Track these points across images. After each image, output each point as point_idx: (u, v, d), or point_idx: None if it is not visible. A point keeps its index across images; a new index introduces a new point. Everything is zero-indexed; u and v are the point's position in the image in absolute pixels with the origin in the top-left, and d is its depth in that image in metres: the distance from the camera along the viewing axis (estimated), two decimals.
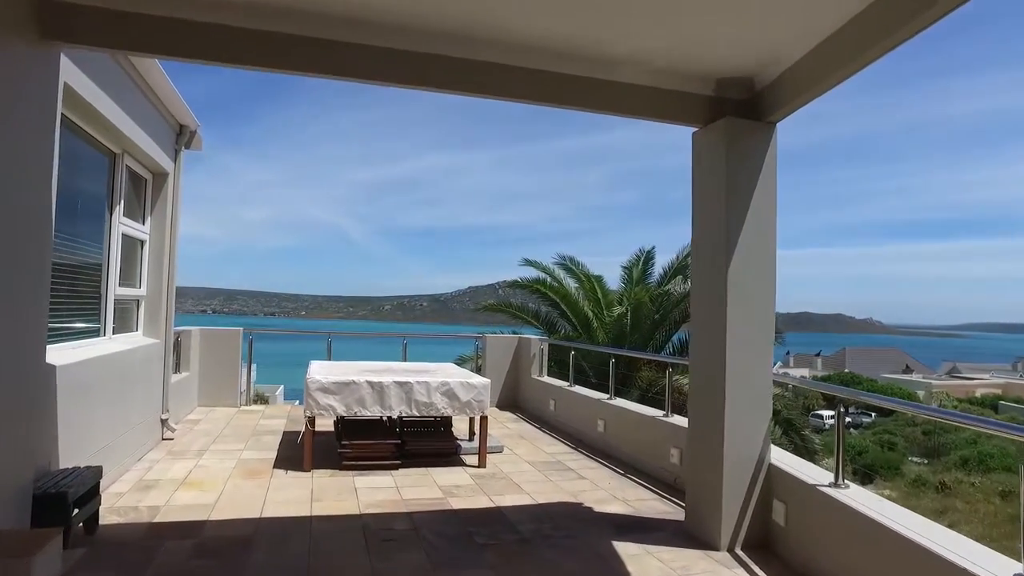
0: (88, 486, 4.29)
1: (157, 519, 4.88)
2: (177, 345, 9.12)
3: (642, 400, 11.94)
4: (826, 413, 29.31)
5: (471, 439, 7.62)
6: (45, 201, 4.07)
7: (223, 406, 9.79)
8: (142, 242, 7.19)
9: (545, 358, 10.49)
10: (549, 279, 14.77)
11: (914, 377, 63.92)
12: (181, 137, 7.64)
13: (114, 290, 6.18)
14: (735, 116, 4.80)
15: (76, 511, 4.15)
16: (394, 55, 4.40)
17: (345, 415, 6.40)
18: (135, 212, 7.04)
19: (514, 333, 16.43)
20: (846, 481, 4.06)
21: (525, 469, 6.82)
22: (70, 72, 4.40)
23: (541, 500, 5.77)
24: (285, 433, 8.12)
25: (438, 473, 6.51)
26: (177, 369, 9.07)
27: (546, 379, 10.25)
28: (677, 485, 6.13)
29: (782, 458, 4.83)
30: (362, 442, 6.49)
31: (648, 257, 15.76)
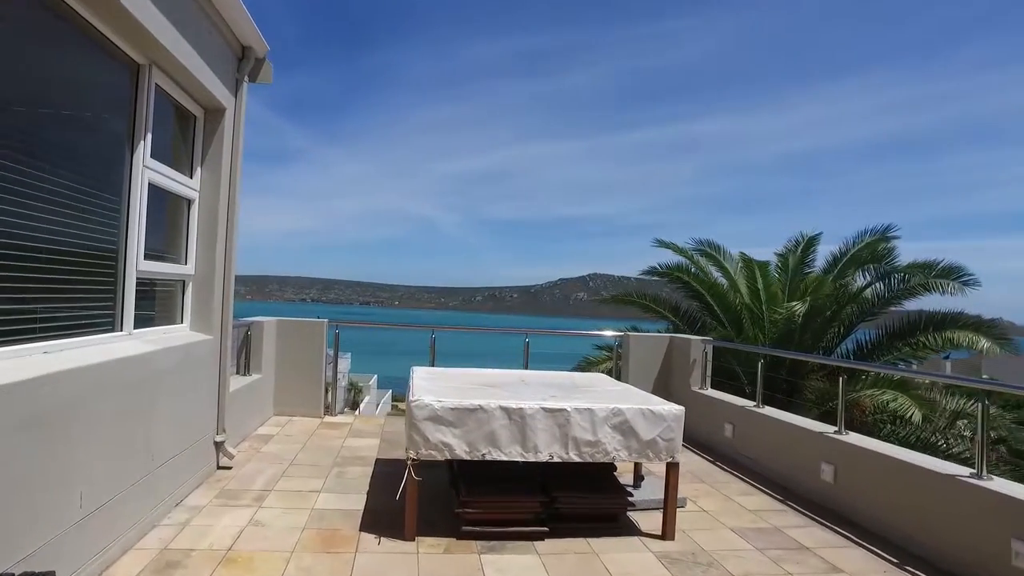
0: None
1: None
2: (247, 340, 7.25)
3: (825, 418, 9.31)
4: None
5: (636, 485, 5.32)
6: None
7: (303, 416, 7.87)
8: (189, 202, 5.23)
9: (710, 364, 8.02)
10: (693, 267, 12.21)
11: None
12: (244, 63, 5.64)
13: (136, 265, 4.20)
14: None
15: None
16: None
17: (468, 457, 4.20)
18: (180, 160, 5.08)
19: (633, 329, 14.07)
20: None
21: (735, 544, 4.43)
22: None
23: None
24: (378, 463, 6.04)
25: (605, 548, 4.22)
26: (246, 370, 7.20)
27: (712, 393, 7.79)
28: None
29: None
30: (493, 499, 4.29)
31: (809, 243, 12.95)
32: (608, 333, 9.53)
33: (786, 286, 12.07)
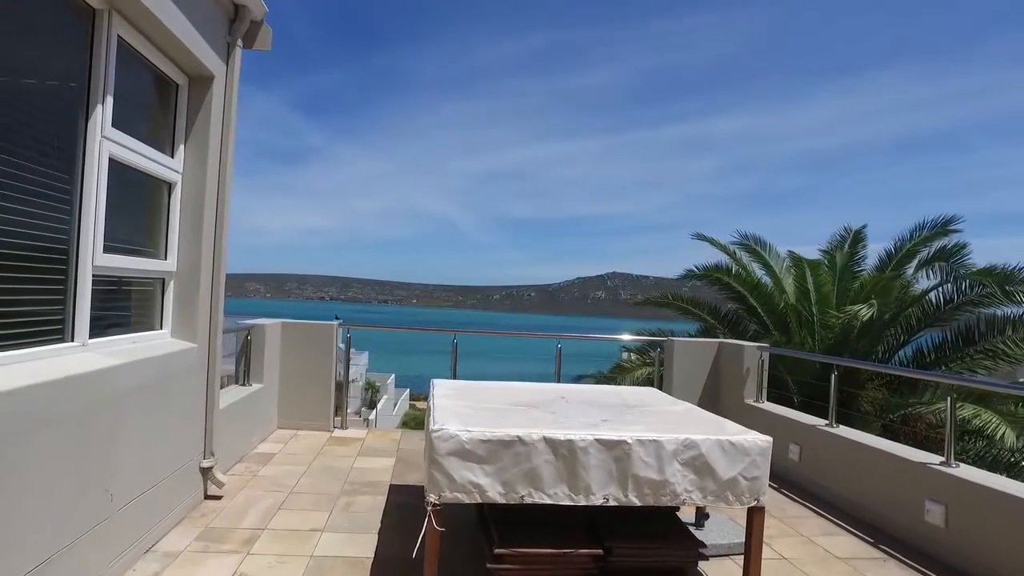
0: None
1: None
2: (247, 345, 6.46)
3: (886, 433, 8.36)
4: None
5: (699, 524, 4.46)
6: None
7: (310, 430, 7.06)
8: (170, 185, 4.43)
9: (766, 374, 7.11)
10: (735, 266, 11.27)
11: None
12: (237, 25, 4.82)
13: (92, 259, 3.39)
14: None
15: None
16: None
17: (503, 500, 3.35)
18: (159, 136, 4.29)
19: (659, 331, 13.20)
20: None
21: None
22: None
23: None
24: (392, 491, 5.21)
25: None
26: (245, 380, 6.40)
27: (770, 407, 6.89)
28: None
29: None
30: (534, 552, 3.44)
31: (857, 238, 11.94)
32: (627, 337, 8.65)
33: (834, 286, 11.09)
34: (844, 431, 5.62)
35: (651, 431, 3.51)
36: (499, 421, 3.56)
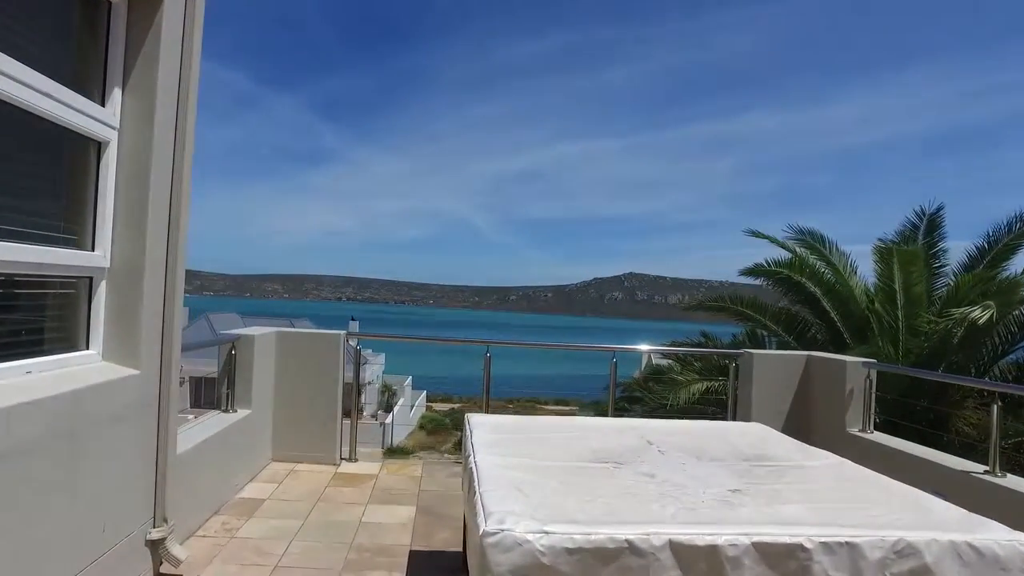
0: None
1: None
2: (231, 362, 5.18)
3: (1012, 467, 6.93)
4: None
5: None
6: None
7: (311, 463, 5.76)
8: (99, 144, 3.14)
9: (873, 397, 5.70)
10: (811, 260, 9.84)
11: None
12: None
13: None
14: None
15: None
16: None
17: None
18: (80, 75, 3.01)
19: (704, 336, 11.83)
20: None
21: None
22: None
23: None
24: (412, 559, 3.89)
25: None
26: (230, 405, 5.12)
27: (882, 439, 5.49)
28: None
29: None
30: None
31: (932, 224, 10.41)
32: (695, 349, 7.25)
33: (967, 282, 9.45)
34: (1016, 482, 4.21)
35: (827, 521, 2.18)
36: (580, 496, 2.25)
